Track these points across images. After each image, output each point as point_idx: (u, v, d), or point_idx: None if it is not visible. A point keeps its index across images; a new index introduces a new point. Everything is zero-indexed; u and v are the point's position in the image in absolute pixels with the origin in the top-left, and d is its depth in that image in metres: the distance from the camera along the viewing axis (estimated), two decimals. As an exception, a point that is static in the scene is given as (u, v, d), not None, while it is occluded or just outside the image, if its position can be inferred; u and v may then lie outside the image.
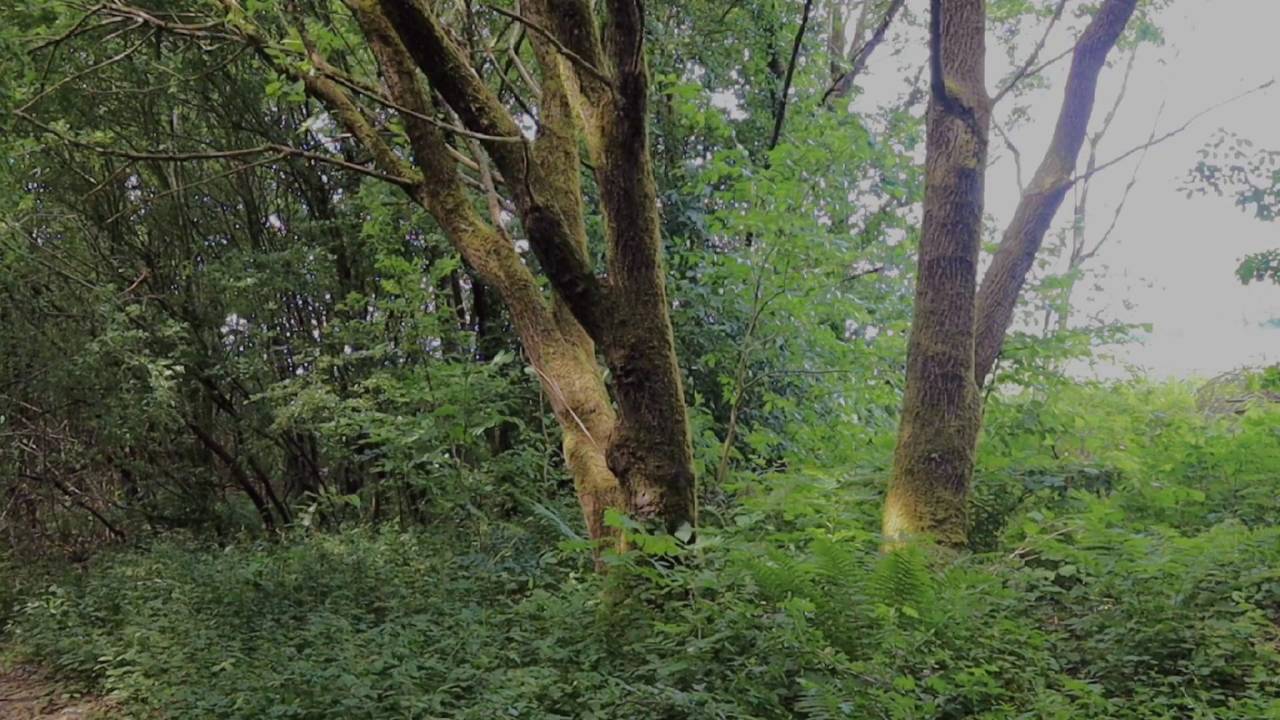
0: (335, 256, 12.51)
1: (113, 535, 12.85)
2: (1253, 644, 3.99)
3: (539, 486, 8.87)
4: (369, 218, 10.81)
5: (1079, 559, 4.87)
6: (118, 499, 13.77)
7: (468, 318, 13.32)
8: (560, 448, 6.94)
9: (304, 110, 12.11)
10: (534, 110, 9.82)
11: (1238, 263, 7.63)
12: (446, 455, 8.93)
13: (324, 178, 13.03)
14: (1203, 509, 6.13)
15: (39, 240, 13.29)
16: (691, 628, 4.39)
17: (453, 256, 10.32)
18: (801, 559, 4.68)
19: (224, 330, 14.60)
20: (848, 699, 3.52)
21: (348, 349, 12.09)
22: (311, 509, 10.56)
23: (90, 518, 13.43)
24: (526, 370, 9.80)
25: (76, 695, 6.13)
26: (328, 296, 13.55)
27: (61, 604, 7.59)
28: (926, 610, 4.27)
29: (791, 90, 12.83)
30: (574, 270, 5.18)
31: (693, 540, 4.84)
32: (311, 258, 12.56)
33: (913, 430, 5.96)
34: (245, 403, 12.31)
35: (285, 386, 10.44)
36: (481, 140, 5.53)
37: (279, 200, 14.72)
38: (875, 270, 13.75)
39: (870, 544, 5.45)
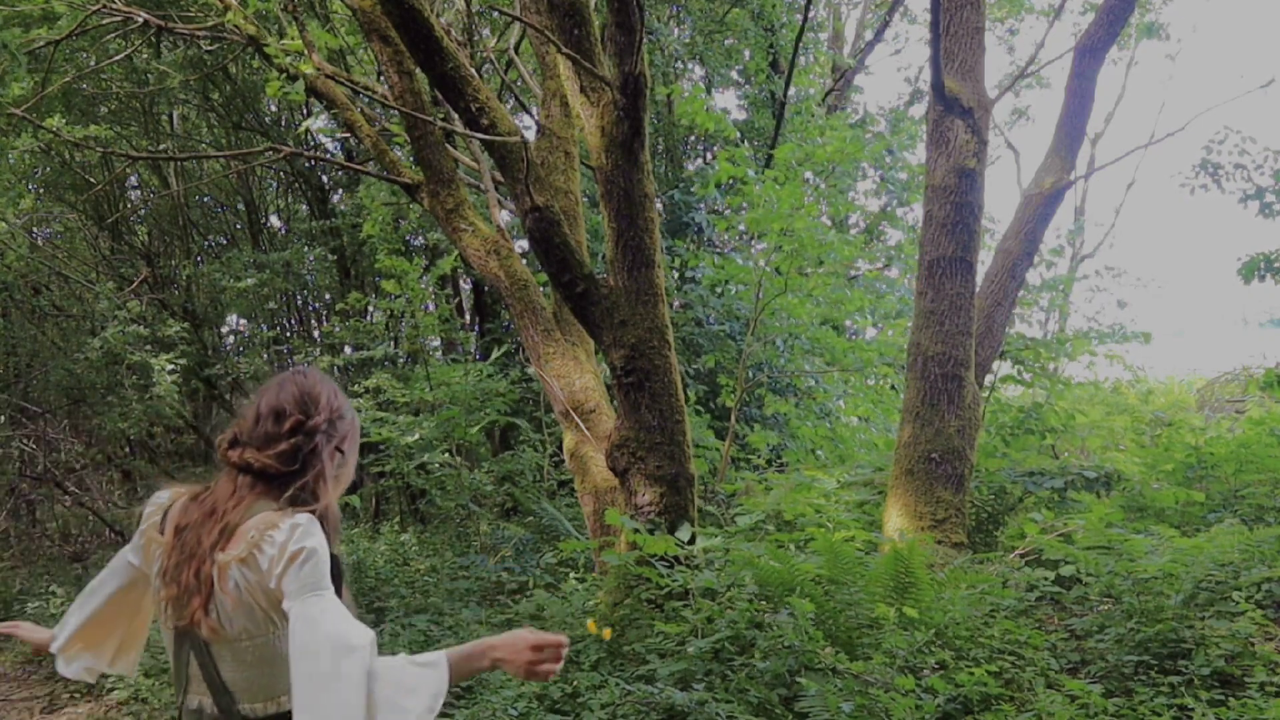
0: (335, 257, 12.51)
1: (113, 535, 12.84)
2: (1253, 644, 3.99)
3: (539, 486, 8.87)
4: (368, 217, 10.80)
5: (1079, 559, 4.87)
6: (118, 499, 13.77)
7: (468, 318, 13.32)
8: (560, 448, 6.93)
9: (304, 110, 12.11)
10: (534, 110, 9.82)
11: (1239, 263, 7.62)
12: (447, 455, 8.93)
13: (324, 178, 13.03)
14: (1203, 509, 6.13)
15: (39, 240, 13.29)
16: (691, 628, 4.39)
17: (452, 256, 10.32)
18: (802, 559, 4.68)
19: (224, 330, 14.60)
20: (848, 699, 3.51)
21: (348, 349, 12.10)
22: (311, 509, 10.53)
23: (90, 518, 13.42)
24: (527, 370, 9.81)
25: (76, 695, 6.13)
26: (327, 296, 13.55)
27: (61, 604, 7.59)
28: (927, 610, 4.27)
29: (792, 90, 12.84)
30: (574, 270, 5.17)
31: (693, 540, 4.84)
32: (311, 258, 12.56)
33: (913, 430, 5.96)
34: (245, 403, 12.30)
35: (285, 386, 10.41)
36: (481, 140, 5.53)
37: (279, 200, 14.73)
38: (875, 269, 13.75)
39: (870, 544, 5.45)
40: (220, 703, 1.75)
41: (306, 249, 12.36)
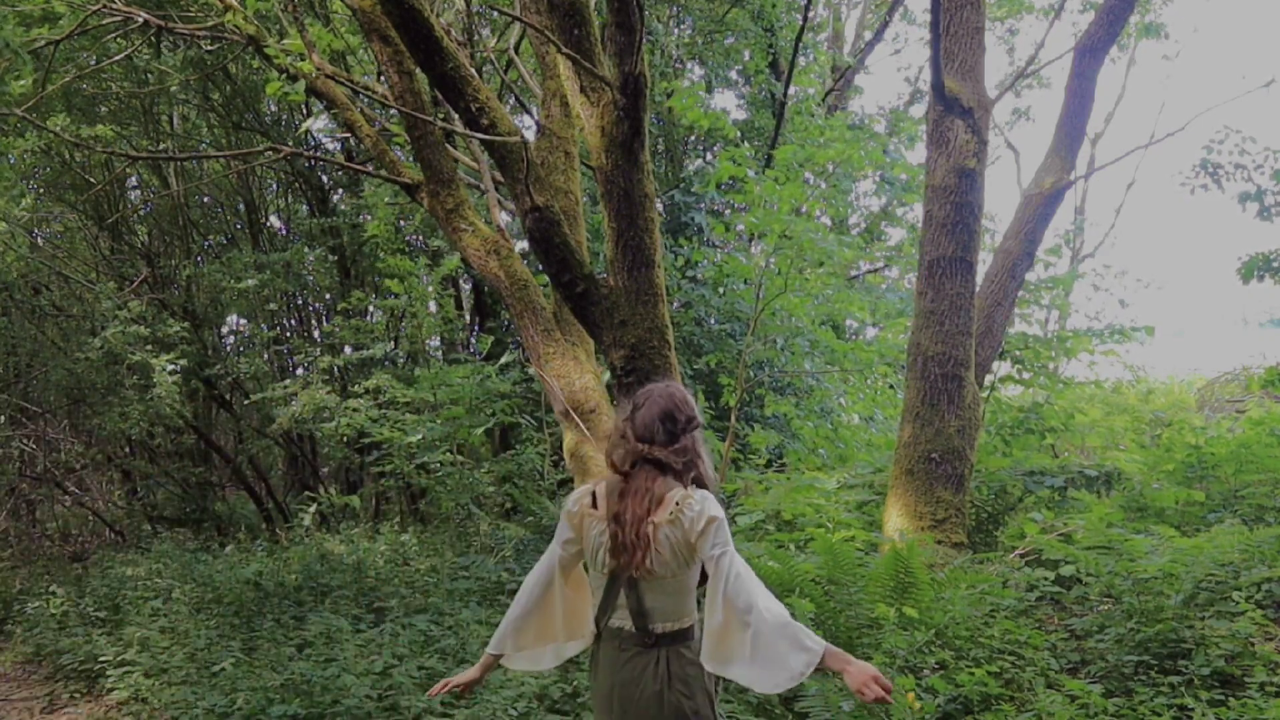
0: (335, 257, 12.51)
1: (113, 535, 12.85)
2: (1253, 644, 3.99)
3: (539, 486, 8.87)
4: (368, 217, 10.78)
5: (1079, 559, 4.87)
6: (118, 499, 13.77)
7: (468, 318, 13.33)
8: (560, 448, 6.93)
9: (304, 110, 12.11)
10: (534, 110, 9.82)
11: (1239, 263, 7.61)
12: (449, 455, 8.93)
13: (324, 178, 13.02)
14: (1203, 509, 6.13)
15: (39, 240, 13.29)
16: (691, 628, 4.38)
17: (456, 257, 10.32)
18: (802, 559, 4.68)
19: (224, 330, 14.59)
20: (848, 698, 3.52)
21: (348, 349, 12.10)
22: (311, 509, 10.56)
23: (90, 518, 13.42)
24: (528, 370, 9.81)
25: (76, 695, 6.12)
26: (328, 296, 13.55)
27: (61, 604, 7.59)
28: (926, 610, 4.27)
29: (791, 90, 12.84)
30: (574, 270, 5.18)
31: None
32: (312, 258, 12.55)
33: (913, 430, 5.96)
34: (245, 403, 12.31)
35: (285, 386, 10.44)
36: (481, 140, 5.53)
37: (279, 200, 14.72)
38: (875, 270, 13.76)
39: (870, 544, 5.45)
40: (638, 623, 2.44)
41: (307, 249, 12.35)
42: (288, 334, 14.15)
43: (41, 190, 12.70)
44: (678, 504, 2.38)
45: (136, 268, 12.72)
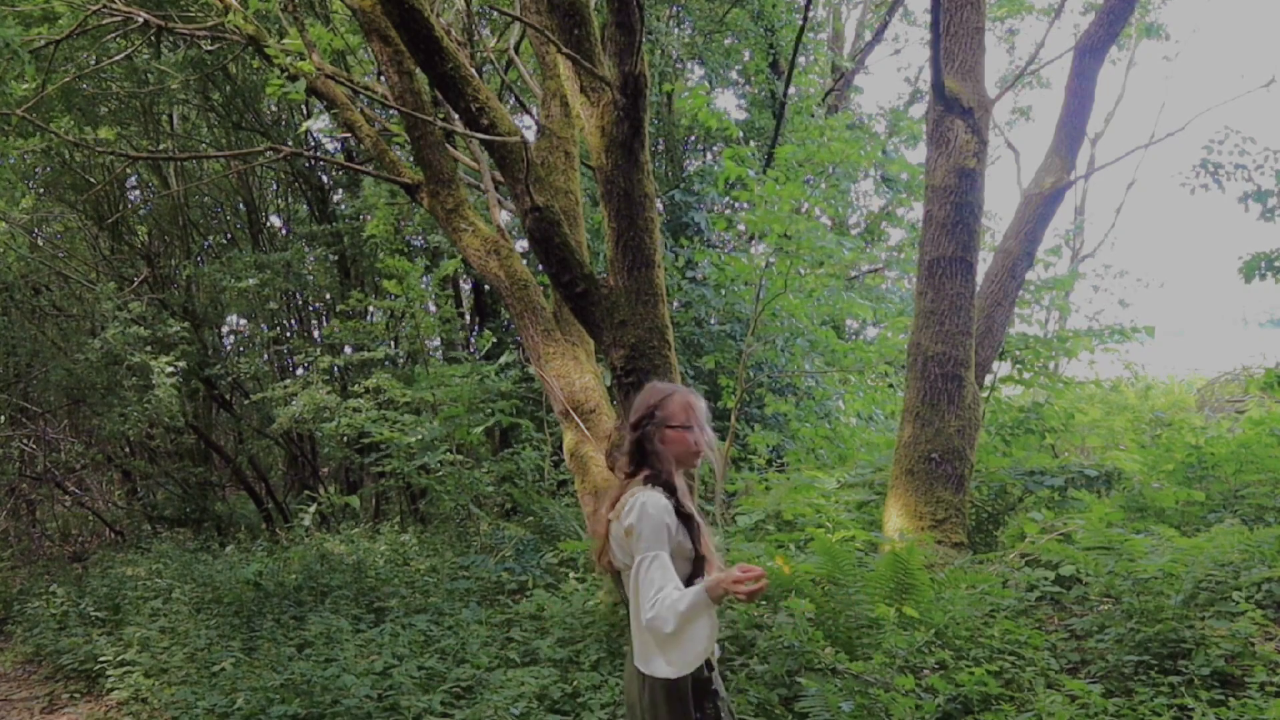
0: (336, 257, 12.51)
1: (113, 535, 12.85)
2: (1253, 644, 3.99)
3: (539, 486, 8.87)
4: (369, 218, 10.76)
5: (1079, 559, 4.87)
6: (118, 499, 13.77)
7: (468, 318, 13.33)
8: (560, 448, 6.92)
9: (304, 110, 12.11)
10: (534, 110, 9.81)
11: (1240, 262, 7.61)
12: (449, 454, 8.93)
13: (324, 178, 13.03)
14: (1203, 509, 6.13)
15: (39, 240, 13.29)
16: (691, 628, 4.37)
17: (454, 257, 10.32)
18: (801, 559, 4.68)
19: (224, 330, 14.59)
20: (848, 698, 3.52)
21: (348, 349, 12.10)
22: (311, 509, 10.56)
23: (90, 518, 13.42)
24: (528, 370, 9.81)
25: (76, 695, 6.13)
26: (328, 296, 13.55)
27: (61, 604, 7.59)
28: (926, 610, 4.28)
29: (791, 90, 12.83)
30: (574, 270, 5.17)
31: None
32: (312, 258, 12.55)
33: (913, 430, 5.96)
34: (245, 403, 12.31)
35: (286, 386, 10.44)
36: (481, 140, 5.53)
37: (279, 200, 14.72)
38: (875, 271, 13.76)
39: (870, 544, 5.45)
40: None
41: (307, 249, 12.36)
42: (288, 334, 14.15)
43: (41, 190, 12.70)
44: (621, 503, 2.52)
45: (136, 268, 12.72)
